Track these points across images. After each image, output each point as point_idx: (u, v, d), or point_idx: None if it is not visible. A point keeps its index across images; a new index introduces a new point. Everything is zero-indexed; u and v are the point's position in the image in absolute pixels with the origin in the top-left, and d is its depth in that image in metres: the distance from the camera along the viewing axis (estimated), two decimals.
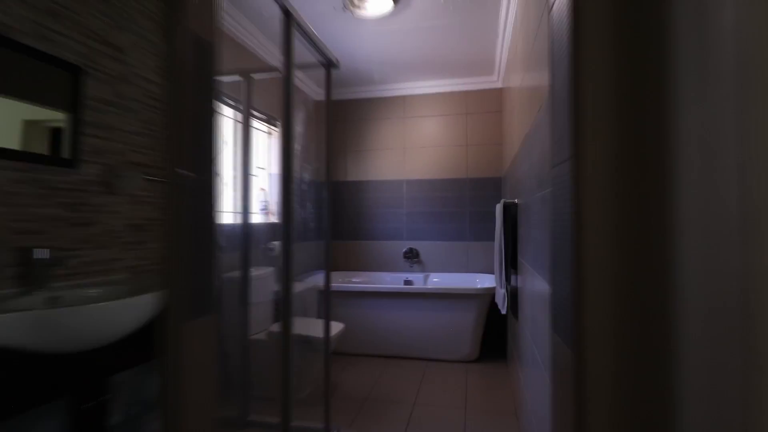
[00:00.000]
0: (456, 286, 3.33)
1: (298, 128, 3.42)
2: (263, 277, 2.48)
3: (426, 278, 3.49)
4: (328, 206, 1.79)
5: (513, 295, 2.17)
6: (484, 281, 3.30)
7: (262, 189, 2.95)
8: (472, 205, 3.47)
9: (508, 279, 2.15)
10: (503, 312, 2.13)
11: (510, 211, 2.16)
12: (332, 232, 3.76)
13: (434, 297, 2.89)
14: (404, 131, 3.62)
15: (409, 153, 3.60)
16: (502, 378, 2.65)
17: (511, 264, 2.21)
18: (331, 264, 1.69)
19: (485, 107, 3.48)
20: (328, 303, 1.81)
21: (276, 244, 2.80)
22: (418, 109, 3.61)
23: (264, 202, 2.93)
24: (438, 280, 3.48)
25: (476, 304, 2.83)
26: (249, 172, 2.92)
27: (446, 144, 3.54)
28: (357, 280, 3.60)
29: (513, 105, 2.55)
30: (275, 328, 2.35)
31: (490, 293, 2.82)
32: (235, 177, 2.74)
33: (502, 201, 2.14)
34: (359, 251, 3.70)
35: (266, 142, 3.11)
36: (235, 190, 2.75)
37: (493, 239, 3.39)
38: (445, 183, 3.52)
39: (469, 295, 2.82)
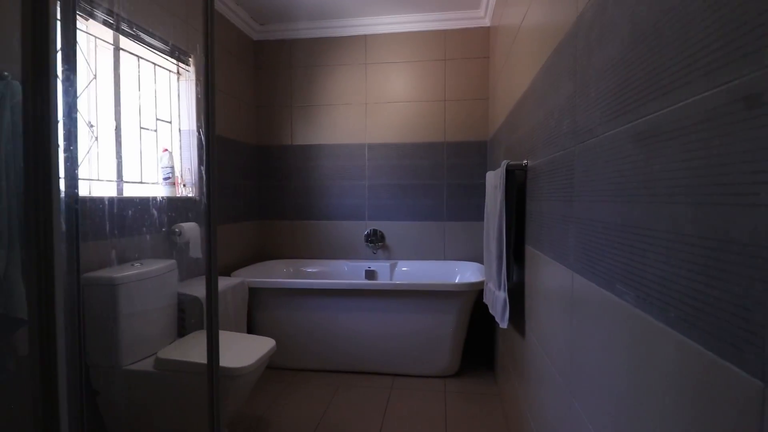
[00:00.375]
0: (431, 280, 2.66)
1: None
2: (158, 275, 1.70)
3: (393, 267, 2.79)
4: (208, 180, 1.02)
5: (514, 298, 1.51)
6: (465, 271, 2.64)
7: (166, 150, 2.13)
8: (451, 176, 2.77)
9: (510, 277, 1.47)
10: (503, 326, 1.46)
11: (514, 180, 1.47)
12: (274, 210, 2.98)
13: (404, 295, 2.20)
14: (366, 81, 2.85)
15: (372, 110, 2.84)
16: (491, 398, 2.02)
17: (514, 254, 1.54)
18: (216, 257, 0.96)
19: (469, 51, 2.74)
20: (213, 318, 1.07)
21: (185, 227, 2.01)
22: (383, 52, 2.83)
23: (169, 168, 2.11)
24: (407, 270, 2.79)
25: (458, 303, 2.16)
26: (141, 125, 2.09)
27: (419, 99, 2.80)
28: (312, 270, 2.87)
29: (509, 48, 1.84)
30: (169, 352, 1.59)
31: (475, 290, 2.15)
32: (117, 129, 1.91)
33: (504, 164, 1.44)
34: (309, 234, 2.94)
35: (173, 84, 2.26)
36: (120, 149, 1.92)
37: (477, 219, 2.72)
38: (418, 148, 2.80)
39: (448, 293, 2.15)
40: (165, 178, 2.11)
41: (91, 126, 1.88)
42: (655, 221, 0.54)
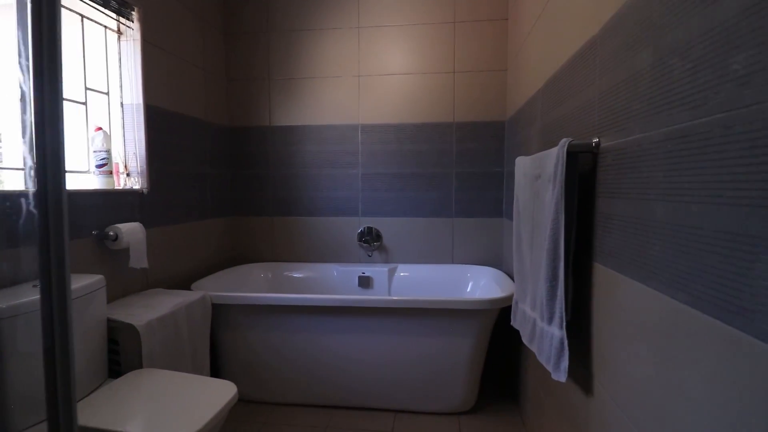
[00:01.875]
0: (438, 290, 2.22)
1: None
2: (74, 298, 1.23)
3: (392, 273, 2.35)
4: (43, 159, 0.54)
5: (573, 335, 1.06)
6: (479, 279, 2.20)
7: (100, 129, 1.64)
8: (461, 164, 2.32)
9: (567, 307, 1.03)
10: (558, 378, 1.02)
11: (575, 167, 1.01)
12: (250, 205, 2.51)
13: (409, 313, 1.75)
14: (358, 49, 2.36)
15: (367, 84, 2.36)
16: None
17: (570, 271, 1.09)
18: (64, 278, 0.48)
19: (483, 12, 2.27)
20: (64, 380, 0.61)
21: (123, 229, 1.53)
22: (379, 14, 2.34)
23: (103, 152, 1.63)
24: (409, 275, 2.35)
25: (477, 324, 1.73)
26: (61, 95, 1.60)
27: (423, 70, 2.32)
28: (296, 276, 2.41)
29: (540, 5, 1.38)
30: (87, 413, 1.13)
31: (498, 308, 1.71)
32: (23, 99, 1.41)
33: (564, 144, 0.98)
34: (292, 233, 2.48)
35: (112, 45, 1.76)
36: (29, 126, 1.42)
37: (492, 215, 2.28)
38: (421, 130, 2.33)
39: (466, 311, 1.71)
40: (98, 166, 1.62)
41: None
42: None
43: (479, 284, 2.17)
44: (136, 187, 1.77)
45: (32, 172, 0.52)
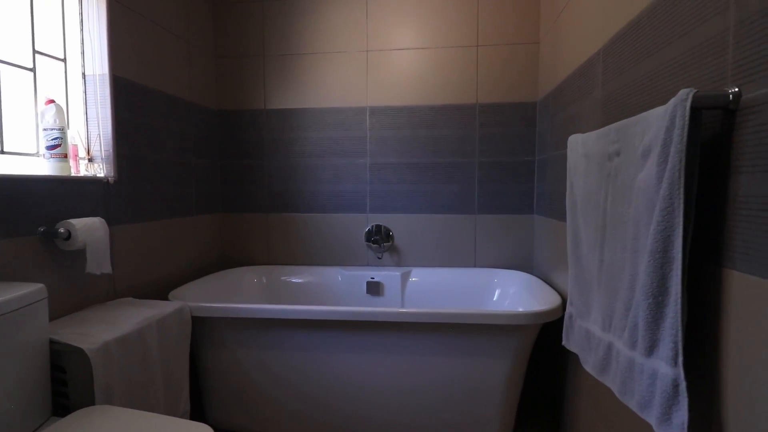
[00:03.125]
0: (460, 299, 1.92)
1: None
2: (13, 310, 0.93)
3: (405, 278, 2.04)
4: None
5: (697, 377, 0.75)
6: (508, 285, 1.90)
7: (52, 102, 1.33)
8: (485, 152, 2.01)
9: (682, 334, 0.72)
10: None
11: (695, 132, 0.70)
12: (242, 200, 2.20)
13: (429, 329, 1.44)
14: (367, 21, 2.06)
15: (376, 60, 2.06)
16: None
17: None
18: None
19: None
20: None
21: (78, 225, 1.23)
22: None
23: (56, 130, 1.32)
24: (424, 281, 2.04)
25: (515, 342, 1.42)
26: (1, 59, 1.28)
27: (441, 44, 2.02)
28: (295, 281, 2.10)
29: None
30: None
31: (542, 322, 1.40)
32: None
33: (687, 95, 0.67)
34: (290, 232, 2.17)
35: (71, 2, 1.45)
36: None
37: (521, 211, 1.98)
38: (439, 113, 2.03)
39: (502, 327, 1.40)
40: (50, 147, 1.32)
41: None
42: None
43: (508, 292, 1.86)
44: (100, 175, 1.46)
45: None
